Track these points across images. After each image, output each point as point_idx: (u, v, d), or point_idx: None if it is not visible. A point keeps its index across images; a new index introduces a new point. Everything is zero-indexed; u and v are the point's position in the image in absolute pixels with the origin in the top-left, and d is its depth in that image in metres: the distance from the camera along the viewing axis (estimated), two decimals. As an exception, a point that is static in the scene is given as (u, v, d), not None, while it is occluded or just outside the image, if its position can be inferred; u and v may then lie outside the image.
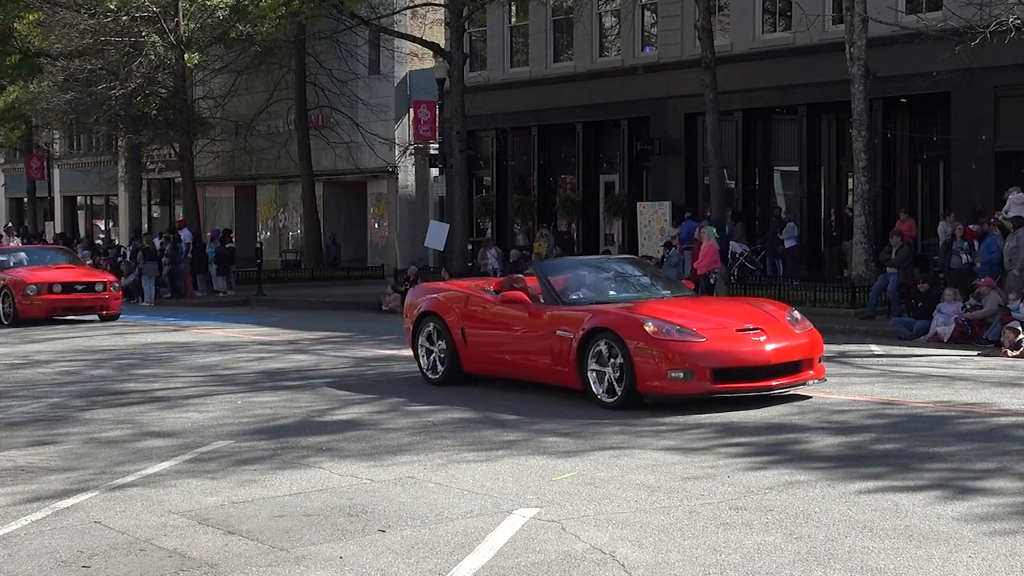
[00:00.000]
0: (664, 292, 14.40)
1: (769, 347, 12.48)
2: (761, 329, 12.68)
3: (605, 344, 12.56)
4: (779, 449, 10.30)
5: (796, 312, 13.63)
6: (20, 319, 26.38)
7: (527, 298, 13.78)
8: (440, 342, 14.73)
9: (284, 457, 10.44)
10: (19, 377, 16.91)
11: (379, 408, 13.22)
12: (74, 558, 7.45)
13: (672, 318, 12.64)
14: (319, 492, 9.05)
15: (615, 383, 12.49)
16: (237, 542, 7.70)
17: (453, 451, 10.56)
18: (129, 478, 9.71)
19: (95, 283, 27.44)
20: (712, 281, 24.15)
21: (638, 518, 8.03)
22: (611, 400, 12.51)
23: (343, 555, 7.34)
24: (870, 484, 8.87)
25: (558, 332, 13.16)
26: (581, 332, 12.79)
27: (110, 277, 28.83)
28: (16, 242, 34.41)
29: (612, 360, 12.50)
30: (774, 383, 12.49)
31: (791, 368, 12.65)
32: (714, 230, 25.76)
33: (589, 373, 12.73)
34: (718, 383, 12.23)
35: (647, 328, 12.36)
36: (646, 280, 14.89)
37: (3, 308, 26.80)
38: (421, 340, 15.07)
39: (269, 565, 7.20)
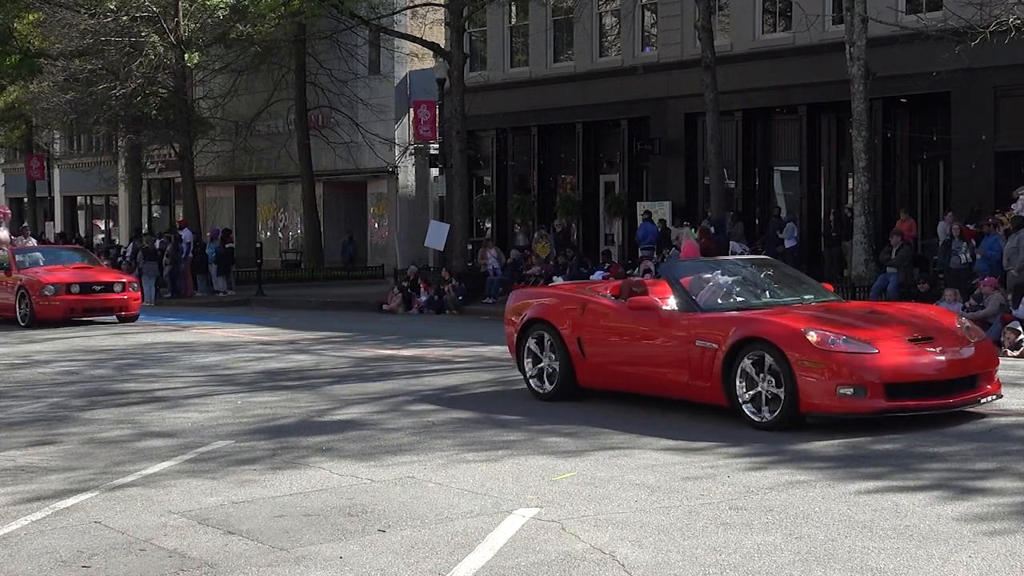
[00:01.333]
0: (807, 296, 12.87)
1: (945, 359, 11.14)
2: (934, 339, 11.33)
3: (758, 356, 11.18)
4: (779, 449, 10.30)
5: (965, 319, 12.39)
6: (37, 320, 25.75)
7: (658, 304, 12.34)
8: (551, 353, 13.25)
9: (284, 457, 10.44)
10: (19, 377, 16.90)
11: (379, 408, 13.22)
12: (74, 558, 7.45)
13: (836, 327, 11.29)
14: (319, 492, 9.05)
15: (769, 401, 11.17)
16: (237, 542, 7.70)
17: (453, 451, 10.55)
18: (129, 478, 9.71)
19: (113, 283, 26.84)
20: None
21: (638, 518, 8.04)
22: (765, 420, 11.16)
23: (343, 555, 7.34)
24: (870, 484, 8.87)
25: (698, 343, 11.72)
26: (728, 343, 11.38)
27: (129, 277, 28.15)
28: (31, 242, 32.98)
29: (767, 375, 11.14)
30: (952, 400, 11.19)
31: (969, 383, 11.37)
32: (692, 230, 25.76)
33: (738, 389, 11.34)
34: (892, 400, 10.91)
35: (810, 338, 10.96)
36: (785, 282, 13.34)
37: (19, 309, 26.11)
38: (528, 350, 13.54)
39: (269, 565, 7.20)
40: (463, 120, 31.75)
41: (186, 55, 37.50)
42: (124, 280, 27.29)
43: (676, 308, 12.33)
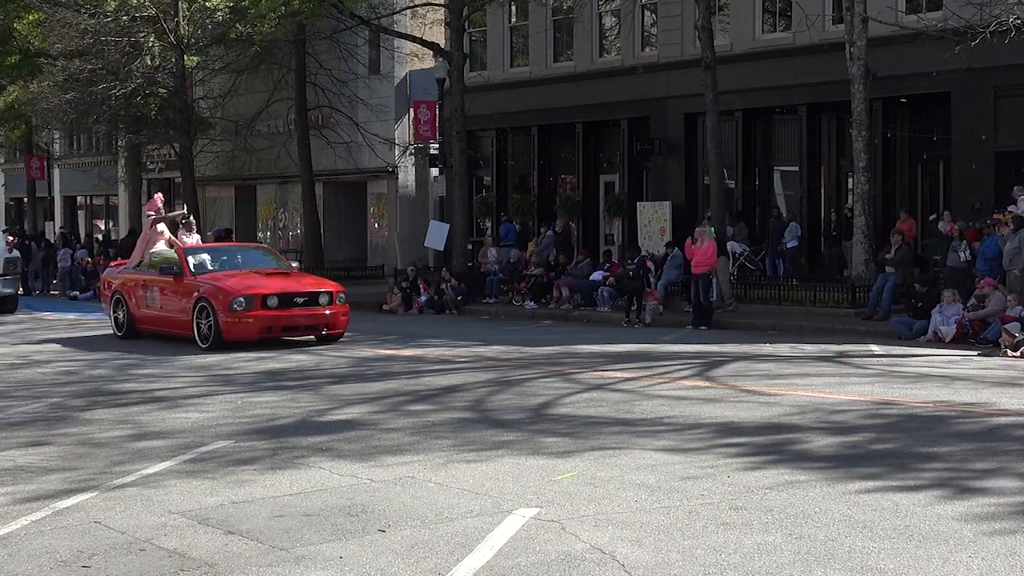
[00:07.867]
0: None
1: None
2: None
3: None
4: (778, 449, 10.30)
5: None
6: (224, 341, 20.03)
7: None
8: None
9: (284, 457, 10.44)
10: (19, 377, 16.90)
11: (379, 408, 13.22)
12: (74, 558, 7.45)
13: None
14: (319, 492, 9.05)
15: None
16: (237, 542, 7.70)
17: (453, 451, 10.55)
18: (129, 478, 9.71)
19: (318, 294, 20.78)
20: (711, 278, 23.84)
21: (638, 518, 8.03)
22: None
23: (343, 555, 7.34)
24: (870, 484, 8.87)
25: None
26: None
27: (335, 286, 21.46)
28: (196, 239, 24.71)
29: None
30: None
31: None
32: (712, 229, 25.75)
33: None
34: None
35: None
36: None
37: (200, 327, 20.39)
38: None
39: (269, 565, 7.20)
40: (463, 120, 31.74)
41: (186, 57, 37.50)
42: (330, 290, 21.04)
43: None
